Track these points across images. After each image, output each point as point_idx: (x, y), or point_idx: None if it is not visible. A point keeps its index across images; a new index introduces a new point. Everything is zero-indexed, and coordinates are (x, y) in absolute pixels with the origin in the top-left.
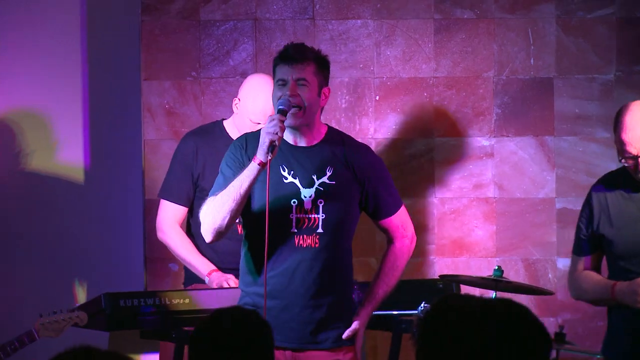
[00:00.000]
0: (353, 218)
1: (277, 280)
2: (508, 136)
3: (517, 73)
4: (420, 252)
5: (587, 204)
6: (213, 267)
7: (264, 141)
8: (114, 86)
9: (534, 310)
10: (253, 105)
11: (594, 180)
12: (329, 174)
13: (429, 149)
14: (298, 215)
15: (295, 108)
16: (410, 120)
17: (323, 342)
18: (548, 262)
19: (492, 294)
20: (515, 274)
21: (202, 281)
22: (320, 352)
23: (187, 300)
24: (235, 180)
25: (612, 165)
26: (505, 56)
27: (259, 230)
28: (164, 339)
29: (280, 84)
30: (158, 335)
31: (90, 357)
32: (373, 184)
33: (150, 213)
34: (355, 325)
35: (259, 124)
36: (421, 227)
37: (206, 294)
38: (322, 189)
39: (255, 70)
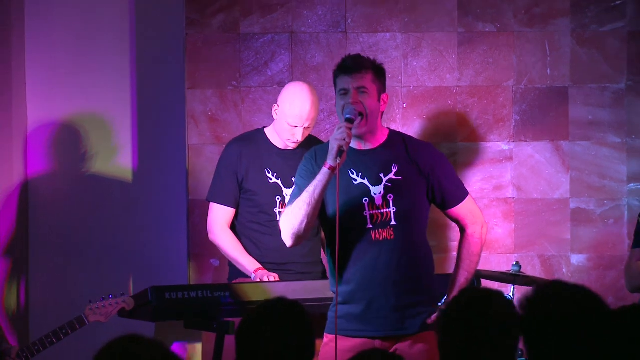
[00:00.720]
0: (423, 209)
1: (361, 274)
2: (526, 141)
3: (534, 82)
4: (444, 248)
5: None
6: (259, 265)
7: (332, 147)
8: (160, 95)
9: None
10: (290, 110)
11: (605, 182)
12: (394, 170)
13: (452, 152)
14: (371, 212)
15: (359, 117)
16: (435, 126)
17: (410, 327)
18: (562, 258)
19: (510, 287)
20: (532, 269)
21: (246, 277)
22: (408, 338)
23: (227, 293)
24: (309, 186)
25: (623, 167)
26: (524, 67)
27: (334, 233)
28: (207, 330)
29: (342, 93)
30: (201, 325)
31: (137, 344)
32: (437, 176)
33: (193, 212)
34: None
35: (296, 127)
36: (446, 226)
37: (248, 287)
38: (390, 185)
39: (292, 79)
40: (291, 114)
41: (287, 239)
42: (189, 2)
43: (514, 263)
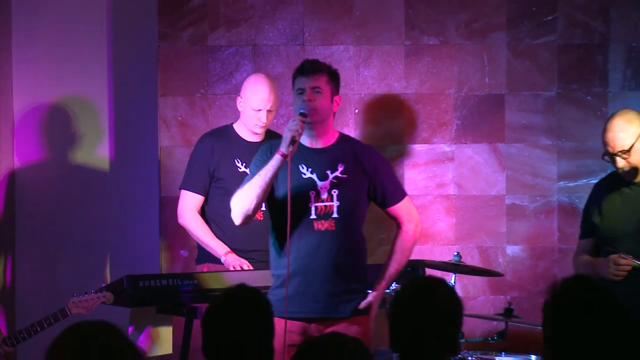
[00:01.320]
0: (362, 206)
1: (302, 260)
2: (466, 143)
3: (473, 90)
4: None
5: (588, 197)
6: (228, 249)
7: (286, 136)
8: (136, 101)
9: (486, 289)
10: (253, 95)
11: (537, 180)
12: (340, 169)
13: (400, 154)
14: (316, 204)
15: (312, 110)
16: (384, 129)
17: (343, 311)
18: (499, 249)
19: (452, 275)
20: (471, 258)
21: (214, 260)
22: (340, 320)
23: (195, 282)
24: (262, 170)
25: (553, 167)
26: (464, 76)
27: (284, 220)
28: (176, 315)
29: (299, 92)
30: (171, 311)
31: (93, 329)
32: (379, 177)
33: (165, 208)
34: (370, 297)
35: (260, 110)
36: (390, 222)
37: (210, 276)
38: (335, 181)
39: None
40: (254, 99)
41: (237, 217)
42: (161, 17)
43: (455, 253)
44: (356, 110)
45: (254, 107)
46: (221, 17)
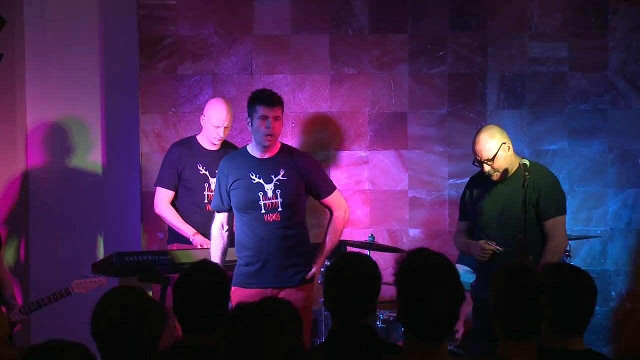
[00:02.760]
0: (301, 200)
1: (257, 244)
2: (378, 150)
3: (383, 109)
4: (321, 224)
5: (464, 189)
6: (195, 230)
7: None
8: (121, 117)
9: (394, 263)
10: (213, 115)
11: (433, 179)
12: (282, 173)
13: (327, 158)
14: (264, 202)
15: (272, 137)
16: (314, 139)
17: (292, 281)
18: (403, 231)
19: (367, 252)
20: (382, 239)
21: (182, 240)
22: (290, 288)
23: (169, 257)
24: (212, 252)
25: (445, 168)
26: (376, 98)
27: (242, 216)
28: (154, 282)
29: (263, 118)
30: (150, 279)
31: (61, 348)
32: (312, 177)
33: (145, 201)
34: (313, 269)
35: (219, 127)
36: (323, 210)
37: (180, 252)
38: (278, 183)
39: None
40: (214, 118)
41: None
42: (141, 52)
43: (370, 235)
44: (293, 125)
45: (214, 124)
46: (188, 52)
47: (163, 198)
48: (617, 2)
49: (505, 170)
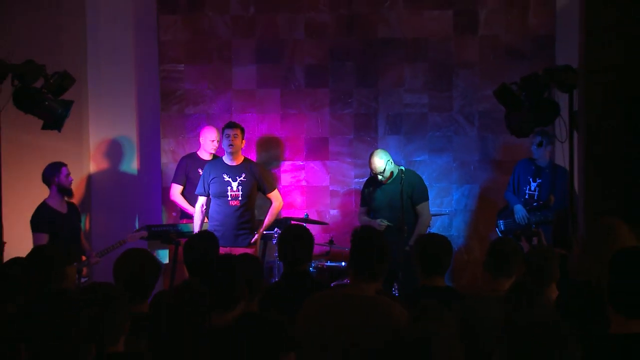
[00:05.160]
0: (254, 194)
1: (222, 218)
2: (310, 160)
3: (313, 135)
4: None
5: (363, 185)
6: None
7: None
8: (150, 140)
9: (320, 232)
10: (209, 135)
11: (345, 178)
12: (243, 175)
13: (278, 165)
14: (231, 192)
15: (234, 146)
16: (271, 154)
17: (242, 242)
18: (326, 211)
19: (304, 224)
20: (313, 216)
21: (188, 217)
22: (240, 248)
23: (179, 228)
24: (194, 224)
25: (352, 172)
26: (309, 128)
27: (215, 200)
28: (170, 244)
29: (226, 136)
30: (169, 241)
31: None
32: (262, 180)
33: (164, 192)
34: (256, 236)
35: (213, 141)
36: (267, 200)
37: (187, 225)
38: (240, 181)
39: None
40: (207, 140)
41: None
42: (162, 99)
43: (305, 213)
44: (257, 145)
45: (210, 139)
46: (191, 100)
47: (176, 190)
48: (457, 68)
49: (390, 176)
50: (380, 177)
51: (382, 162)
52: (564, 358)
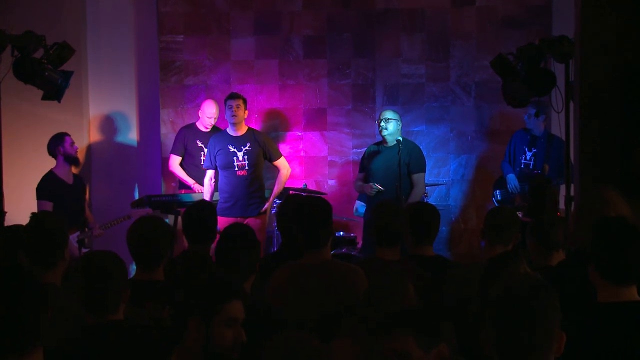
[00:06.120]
0: (260, 162)
1: (232, 190)
2: (308, 131)
3: (312, 106)
4: (273, 177)
5: (363, 153)
6: (194, 181)
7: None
8: (149, 111)
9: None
10: (207, 110)
11: (343, 148)
12: (248, 145)
13: (277, 136)
14: (237, 163)
15: (236, 117)
16: (270, 125)
17: (253, 212)
18: (324, 181)
19: (303, 194)
20: (311, 186)
21: (186, 187)
22: (251, 217)
23: (178, 197)
24: (205, 192)
25: (350, 142)
26: (307, 99)
27: (222, 172)
28: (170, 213)
29: (229, 106)
30: (168, 211)
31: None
32: (267, 148)
33: (164, 163)
34: (266, 205)
35: (210, 118)
36: (274, 169)
37: (185, 195)
38: (245, 151)
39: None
40: (208, 112)
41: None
42: (161, 69)
43: (304, 184)
44: (256, 116)
45: (207, 116)
46: (190, 70)
47: (174, 161)
48: (454, 39)
49: (391, 134)
50: (385, 128)
51: (393, 115)
52: (538, 327)
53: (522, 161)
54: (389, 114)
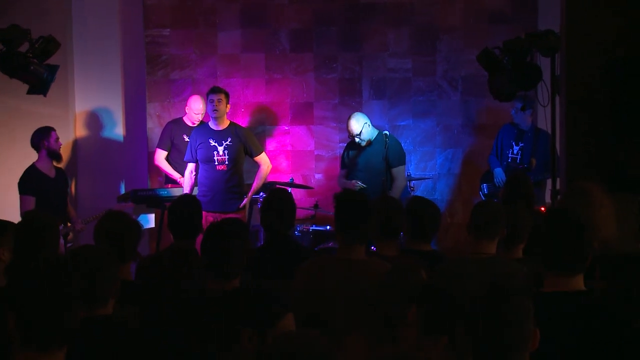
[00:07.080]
0: (241, 157)
1: (210, 184)
2: (295, 125)
3: (298, 100)
4: (253, 172)
5: (343, 150)
6: (180, 175)
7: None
8: (135, 105)
9: (305, 196)
10: (194, 105)
11: (330, 143)
12: (229, 139)
13: (264, 130)
14: (217, 157)
15: (217, 111)
16: (256, 119)
17: (231, 207)
18: (311, 175)
19: (289, 189)
20: (298, 180)
21: (172, 182)
22: (229, 213)
23: (165, 192)
24: (184, 187)
25: (337, 137)
26: (294, 93)
27: (203, 166)
28: (156, 208)
29: (210, 101)
30: (153, 206)
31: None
32: (247, 143)
33: (150, 157)
34: (245, 200)
35: (197, 114)
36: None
37: (171, 190)
38: (226, 145)
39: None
40: (195, 108)
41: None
42: (147, 63)
43: (290, 178)
44: (243, 110)
45: (195, 112)
46: (176, 64)
47: (160, 155)
48: (442, 34)
49: (369, 143)
50: (357, 139)
51: (358, 124)
52: (512, 321)
53: (510, 155)
54: (356, 127)
